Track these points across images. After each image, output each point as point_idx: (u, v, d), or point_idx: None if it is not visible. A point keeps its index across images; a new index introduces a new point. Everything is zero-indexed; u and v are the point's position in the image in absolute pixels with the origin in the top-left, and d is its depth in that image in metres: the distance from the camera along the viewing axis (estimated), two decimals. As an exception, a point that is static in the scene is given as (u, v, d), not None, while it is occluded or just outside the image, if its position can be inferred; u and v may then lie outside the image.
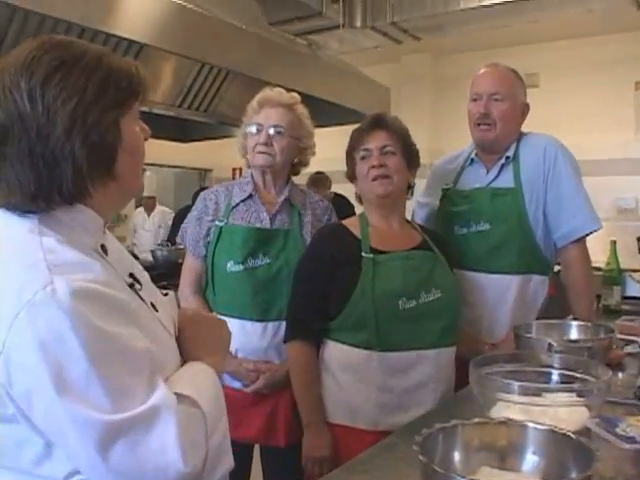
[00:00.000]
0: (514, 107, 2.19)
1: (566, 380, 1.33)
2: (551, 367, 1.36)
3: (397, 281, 1.76)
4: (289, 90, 2.14)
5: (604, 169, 5.92)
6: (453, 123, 3.34)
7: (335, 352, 1.83)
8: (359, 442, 1.65)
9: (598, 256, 2.64)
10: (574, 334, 1.76)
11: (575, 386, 1.24)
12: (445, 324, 1.80)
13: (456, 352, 1.88)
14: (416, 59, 7.14)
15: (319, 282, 1.82)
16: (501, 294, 2.14)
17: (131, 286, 1.02)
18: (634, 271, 3.09)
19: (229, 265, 2.01)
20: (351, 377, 1.78)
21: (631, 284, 2.92)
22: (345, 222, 1.95)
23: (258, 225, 2.05)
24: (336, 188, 5.76)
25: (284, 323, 1.94)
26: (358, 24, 5.59)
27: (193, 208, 2.15)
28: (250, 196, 2.09)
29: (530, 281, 2.17)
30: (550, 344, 1.49)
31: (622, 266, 2.86)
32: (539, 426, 1.01)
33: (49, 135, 0.90)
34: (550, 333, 1.74)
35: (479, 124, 2.17)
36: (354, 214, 2.03)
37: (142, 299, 1.03)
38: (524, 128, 2.27)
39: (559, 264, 2.23)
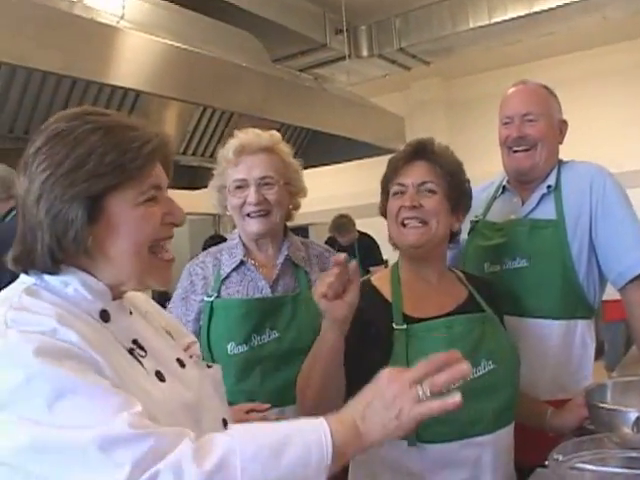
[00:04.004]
0: (551, 126, 1.91)
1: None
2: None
3: None
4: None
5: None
6: (471, 147, 3.12)
7: None
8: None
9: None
10: (660, 397, 1.44)
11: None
12: (502, 402, 1.43)
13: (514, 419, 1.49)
14: (426, 85, 6.94)
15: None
16: (540, 342, 1.80)
17: (130, 351, 1.00)
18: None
19: (230, 347, 1.66)
20: (388, 474, 1.40)
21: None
22: (374, 278, 1.55)
23: (258, 296, 1.71)
24: (360, 224, 5.41)
25: None
26: (364, 53, 5.42)
27: (178, 285, 1.78)
28: (242, 263, 1.73)
29: (576, 327, 1.85)
30: (638, 419, 1.19)
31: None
32: None
33: (25, 201, 0.95)
34: (630, 397, 1.43)
35: (515, 150, 1.90)
36: (380, 255, 1.69)
37: (142, 365, 0.99)
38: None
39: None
